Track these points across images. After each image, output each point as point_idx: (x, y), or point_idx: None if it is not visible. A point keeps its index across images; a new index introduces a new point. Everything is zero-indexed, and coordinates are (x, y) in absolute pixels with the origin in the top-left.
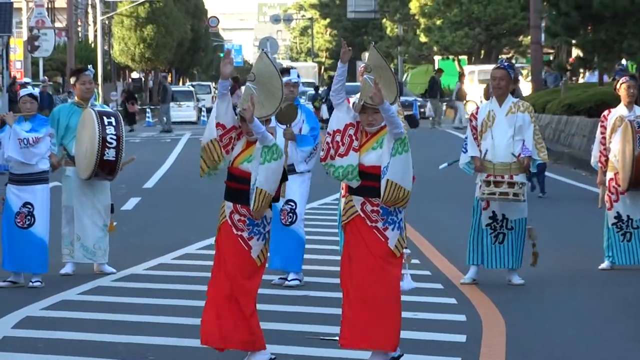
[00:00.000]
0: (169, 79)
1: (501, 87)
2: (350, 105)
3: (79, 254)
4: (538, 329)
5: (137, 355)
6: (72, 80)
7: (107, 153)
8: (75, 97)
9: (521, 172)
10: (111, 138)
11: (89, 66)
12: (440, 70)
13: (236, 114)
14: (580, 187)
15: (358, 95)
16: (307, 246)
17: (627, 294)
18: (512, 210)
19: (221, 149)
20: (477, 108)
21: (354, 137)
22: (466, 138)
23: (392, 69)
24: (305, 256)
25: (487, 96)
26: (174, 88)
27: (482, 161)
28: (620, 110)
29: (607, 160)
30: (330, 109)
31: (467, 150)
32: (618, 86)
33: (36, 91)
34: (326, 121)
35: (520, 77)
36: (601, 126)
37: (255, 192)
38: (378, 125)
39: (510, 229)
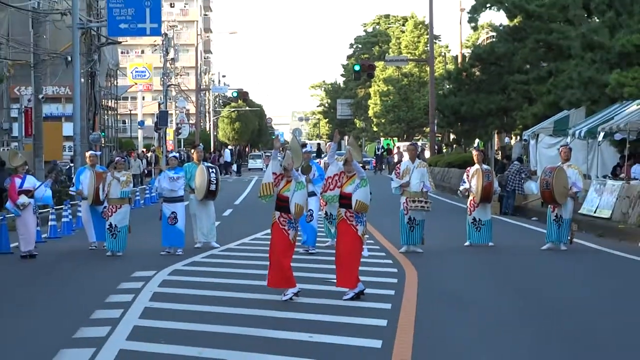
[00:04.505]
0: (247, 150)
1: (413, 153)
2: (328, 162)
3: (201, 237)
4: (443, 278)
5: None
6: (192, 151)
7: (211, 186)
8: (194, 159)
9: (422, 197)
10: (213, 178)
11: (200, 144)
12: (390, 150)
13: (280, 166)
14: (452, 204)
15: (337, 157)
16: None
17: (500, 256)
18: (418, 215)
19: (272, 188)
20: (399, 163)
21: (338, 181)
22: (393, 176)
23: (360, 147)
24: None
25: (411, 158)
26: (252, 154)
27: (403, 189)
28: (475, 167)
29: (466, 190)
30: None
31: (394, 181)
32: (472, 153)
33: (178, 154)
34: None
35: (424, 149)
36: (466, 174)
37: (295, 206)
38: (353, 172)
39: (417, 225)
